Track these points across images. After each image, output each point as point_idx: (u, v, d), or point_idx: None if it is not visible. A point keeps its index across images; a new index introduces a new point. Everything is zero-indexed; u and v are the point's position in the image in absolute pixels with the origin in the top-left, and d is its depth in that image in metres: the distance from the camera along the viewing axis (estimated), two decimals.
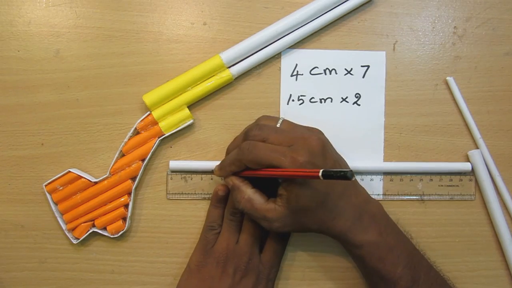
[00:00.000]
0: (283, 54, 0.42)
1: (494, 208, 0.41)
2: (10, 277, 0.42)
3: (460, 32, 0.42)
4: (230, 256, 0.38)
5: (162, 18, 0.41)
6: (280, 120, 0.38)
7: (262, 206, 0.35)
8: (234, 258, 0.38)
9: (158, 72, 0.41)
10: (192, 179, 0.42)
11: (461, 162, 0.42)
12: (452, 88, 0.42)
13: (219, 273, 0.38)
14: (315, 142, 0.34)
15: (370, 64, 0.42)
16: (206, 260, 0.39)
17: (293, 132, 0.36)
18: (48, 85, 0.41)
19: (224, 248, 0.38)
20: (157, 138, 0.40)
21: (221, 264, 0.38)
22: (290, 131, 0.36)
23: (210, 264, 0.38)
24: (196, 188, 0.42)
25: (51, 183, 0.40)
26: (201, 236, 0.40)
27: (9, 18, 0.41)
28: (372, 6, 0.42)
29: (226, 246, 0.38)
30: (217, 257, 0.38)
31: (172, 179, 0.42)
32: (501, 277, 0.42)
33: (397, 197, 0.42)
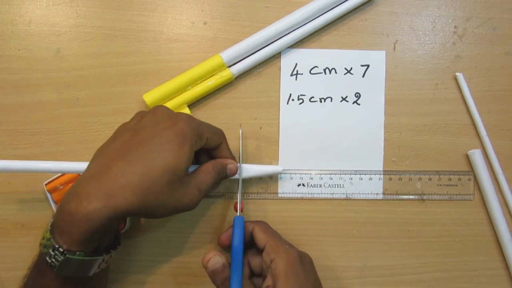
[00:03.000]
0: (283, 53, 0.42)
1: (494, 208, 0.41)
2: (10, 277, 0.42)
3: (461, 31, 0.42)
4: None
5: (163, 17, 0.41)
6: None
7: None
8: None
9: (158, 71, 0.41)
10: None
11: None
12: (461, 84, 0.42)
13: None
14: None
15: (370, 63, 0.42)
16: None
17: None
18: (49, 84, 0.41)
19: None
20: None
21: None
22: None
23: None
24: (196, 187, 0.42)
25: (52, 182, 0.40)
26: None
27: (10, 17, 0.41)
28: (373, 6, 0.42)
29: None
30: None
31: None
32: (501, 277, 0.42)
33: (397, 196, 0.42)
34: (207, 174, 0.35)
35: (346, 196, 0.42)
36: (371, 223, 0.42)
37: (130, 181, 0.30)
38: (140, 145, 0.31)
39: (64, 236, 0.30)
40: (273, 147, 0.42)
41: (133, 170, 0.30)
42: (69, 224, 0.29)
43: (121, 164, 0.30)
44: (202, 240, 0.42)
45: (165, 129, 0.32)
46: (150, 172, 0.30)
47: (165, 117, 0.33)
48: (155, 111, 0.34)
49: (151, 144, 0.31)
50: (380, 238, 0.42)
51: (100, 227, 0.29)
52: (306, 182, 0.42)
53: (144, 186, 0.30)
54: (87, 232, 0.29)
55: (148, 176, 0.30)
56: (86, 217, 0.29)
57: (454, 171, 0.42)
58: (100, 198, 0.29)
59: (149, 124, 0.33)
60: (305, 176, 0.42)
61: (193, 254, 0.42)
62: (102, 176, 0.30)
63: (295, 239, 0.42)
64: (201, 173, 0.35)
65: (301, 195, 0.42)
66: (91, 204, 0.29)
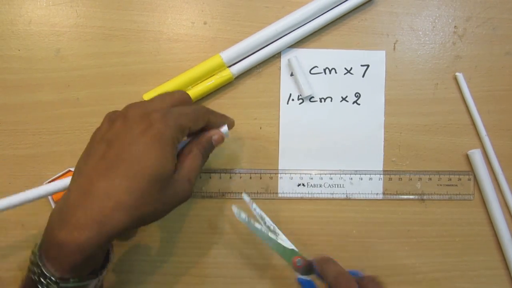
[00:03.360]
0: (282, 53, 0.42)
1: (494, 208, 0.41)
2: (10, 277, 0.42)
3: (461, 31, 0.42)
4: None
5: (163, 17, 0.41)
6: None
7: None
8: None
9: (158, 72, 0.41)
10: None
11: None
12: (461, 84, 0.42)
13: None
14: None
15: (369, 63, 0.42)
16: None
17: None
18: (49, 84, 0.41)
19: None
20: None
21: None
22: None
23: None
24: (195, 187, 0.42)
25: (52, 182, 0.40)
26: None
27: (10, 17, 0.41)
28: (373, 6, 0.42)
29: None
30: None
31: None
32: (501, 277, 0.42)
33: (397, 196, 0.42)
34: (194, 159, 0.33)
35: (346, 196, 0.42)
36: (371, 223, 0.42)
37: (119, 201, 0.28)
38: (118, 159, 0.29)
39: (56, 264, 0.28)
40: (273, 147, 0.42)
41: (118, 188, 0.28)
42: (60, 253, 0.28)
43: (103, 185, 0.28)
44: (202, 240, 0.42)
45: (140, 134, 0.29)
46: (137, 186, 0.28)
47: (137, 118, 0.30)
48: (126, 113, 0.31)
49: (130, 155, 0.29)
50: (380, 238, 0.42)
51: (95, 254, 0.28)
52: (306, 182, 0.42)
53: (134, 202, 0.28)
54: (81, 260, 0.28)
55: (136, 191, 0.28)
56: (79, 247, 0.27)
57: (454, 171, 0.42)
58: (91, 227, 0.27)
59: (122, 130, 0.30)
60: (305, 176, 0.42)
61: (192, 254, 0.42)
62: (88, 202, 0.28)
63: (295, 239, 0.42)
64: (187, 160, 0.32)
65: (301, 195, 0.42)
66: (83, 234, 0.27)
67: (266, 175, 0.42)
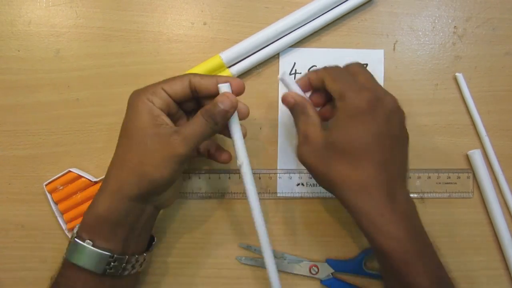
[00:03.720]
0: (281, 53, 0.42)
1: (494, 208, 0.41)
2: (10, 277, 0.42)
3: (460, 32, 0.42)
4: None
5: (162, 18, 0.41)
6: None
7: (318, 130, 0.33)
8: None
9: (158, 72, 0.41)
10: (190, 178, 0.42)
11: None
12: (461, 84, 0.42)
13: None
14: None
15: (368, 62, 0.42)
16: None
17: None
18: (48, 85, 0.41)
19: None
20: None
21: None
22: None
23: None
24: (195, 188, 0.42)
25: (52, 183, 0.40)
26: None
27: (10, 18, 0.41)
28: (372, 6, 0.42)
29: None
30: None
31: None
32: (501, 277, 0.42)
33: None
34: (193, 121, 0.33)
35: None
36: None
37: (127, 167, 0.33)
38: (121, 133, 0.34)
39: (80, 225, 0.33)
40: (272, 147, 0.42)
41: (124, 158, 0.33)
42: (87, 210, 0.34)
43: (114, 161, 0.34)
44: (201, 241, 0.42)
45: (127, 110, 0.34)
46: (133, 147, 0.33)
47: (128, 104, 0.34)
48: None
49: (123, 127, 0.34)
50: None
51: (119, 218, 0.32)
52: (305, 181, 0.42)
53: (137, 163, 0.32)
54: (94, 218, 0.33)
55: (133, 152, 0.33)
56: (92, 203, 0.33)
57: (453, 169, 0.42)
58: (110, 194, 0.33)
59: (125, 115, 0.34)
60: (304, 175, 0.42)
61: (192, 254, 0.42)
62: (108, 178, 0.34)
63: (295, 239, 0.42)
64: (189, 122, 0.33)
65: (300, 194, 0.42)
66: (106, 201, 0.33)
67: (266, 175, 0.42)
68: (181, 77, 0.34)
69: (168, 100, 0.33)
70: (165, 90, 0.33)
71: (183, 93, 0.34)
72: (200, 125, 0.32)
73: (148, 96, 0.33)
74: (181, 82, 0.33)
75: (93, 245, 0.32)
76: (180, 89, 0.33)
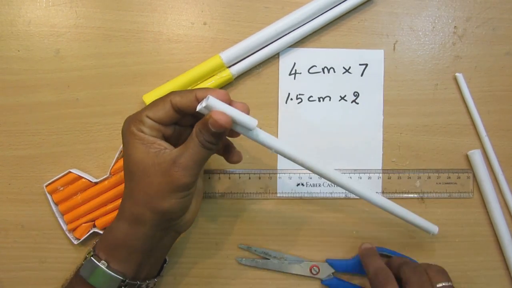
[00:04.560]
0: (281, 53, 0.42)
1: (494, 208, 0.41)
2: (10, 277, 0.42)
3: (460, 32, 0.42)
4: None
5: (162, 18, 0.41)
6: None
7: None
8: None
9: (158, 72, 0.41)
10: None
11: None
12: (460, 84, 0.42)
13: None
14: None
15: (368, 62, 0.42)
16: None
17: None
18: (48, 85, 0.41)
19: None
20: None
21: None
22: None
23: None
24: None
25: (52, 184, 0.40)
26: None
27: (9, 18, 0.41)
28: (372, 6, 0.42)
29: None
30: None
31: None
32: (501, 277, 0.42)
33: (396, 195, 0.42)
34: (186, 144, 0.31)
35: (345, 195, 0.42)
36: (371, 223, 0.42)
37: (139, 202, 0.32)
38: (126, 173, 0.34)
39: (98, 244, 0.34)
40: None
41: (132, 195, 0.33)
42: (105, 233, 0.34)
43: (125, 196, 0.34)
44: (201, 241, 0.42)
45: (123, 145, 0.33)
46: (137, 184, 0.32)
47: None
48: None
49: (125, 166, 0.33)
50: (380, 238, 0.42)
51: (134, 244, 0.33)
52: (305, 181, 0.42)
53: (146, 199, 0.32)
54: (112, 240, 0.33)
55: (139, 189, 0.32)
56: (109, 228, 0.34)
57: (453, 169, 0.42)
58: (129, 222, 0.33)
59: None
60: (304, 175, 0.42)
61: (192, 254, 0.42)
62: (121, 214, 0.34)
63: (295, 239, 0.42)
64: (182, 147, 0.31)
65: (300, 194, 0.42)
66: (124, 226, 0.33)
67: (265, 175, 0.42)
68: (163, 100, 0.32)
69: (157, 126, 0.32)
70: (149, 117, 0.32)
71: (168, 116, 0.32)
72: (198, 151, 0.31)
73: (137, 126, 0.32)
74: (163, 106, 0.32)
75: (108, 266, 0.32)
76: (164, 113, 0.32)
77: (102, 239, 0.34)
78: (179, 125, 0.34)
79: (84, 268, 0.33)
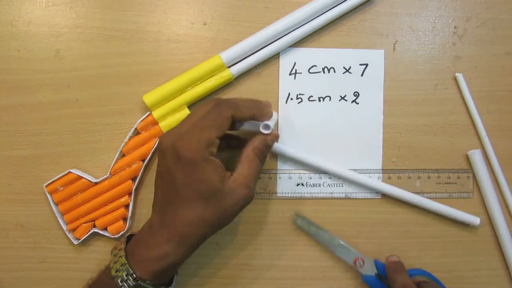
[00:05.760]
0: (281, 52, 0.42)
1: (494, 208, 0.41)
2: (10, 277, 0.42)
3: (460, 32, 0.42)
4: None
5: (162, 18, 0.41)
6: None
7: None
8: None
9: (158, 72, 0.41)
10: None
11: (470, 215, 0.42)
12: (461, 84, 0.42)
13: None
14: None
15: (368, 62, 0.42)
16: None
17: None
18: (48, 85, 0.41)
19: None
20: (157, 138, 0.40)
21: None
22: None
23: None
24: None
25: (52, 184, 0.40)
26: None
27: (9, 18, 0.41)
28: (372, 6, 0.42)
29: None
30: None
31: None
32: (501, 277, 0.42)
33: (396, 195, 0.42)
34: (250, 164, 0.34)
35: (345, 195, 0.42)
36: (371, 223, 0.42)
37: (190, 222, 0.33)
38: (173, 192, 0.33)
39: (140, 265, 0.33)
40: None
41: (186, 214, 0.33)
42: (146, 257, 0.33)
43: (174, 214, 0.33)
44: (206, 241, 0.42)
45: (175, 166, 0.33)
46: (195, 208, 0.32)
47: (169, 151, 0.33)
48: (160, 147, 0.34)
49: (177, 186, 0.33)
50: (380, 238, 0.42)
51: (177, 263, 0.33)
52: (305, 181, 0.42)
53: (201, 218, 0.32)
54: (166, 267, 0.33)
55: (196, 210, 0.32)
56: (164, 254, 0.33)
57: (453, 169, 0.42)
58: (173, 242, 0.33)
59: (164, 164, 0.34)
60: (304, 175, 0.42)
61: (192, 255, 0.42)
62: (168, 227, 0.33)
63: (295, 239, 0.42)
64: (243, 166, 0.34)
65: (300, 194, 0.42)
66: (168, 246, 0.33)
67: (265, 175, 0.42)
68: (220, 116, 0.33)
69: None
70: (218, 137, 0.33)
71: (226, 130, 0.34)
72: (256, 167, 0.34)
73: (210, 149, 0.32)
74: (227, 121, 0.33)
75: (151, 284, 0.33)
76: (226, 128, 0.34)
77: (154, 267, 0.33)
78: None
79: (123, 282, 0.33)
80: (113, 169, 0.40)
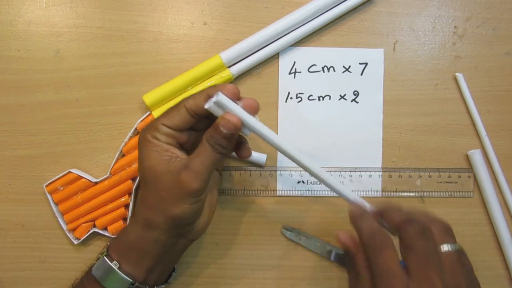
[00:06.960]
0: (281, 52, 0.42)
1: (494, 208, 0.41)
2: (10, 277, 0.42)
3: (460, 32, 0.42)
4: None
5: (162, 17, 0.41)
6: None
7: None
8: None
9: (158, 72, 0.41)
10: None
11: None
12: (461, 84, 0.42)
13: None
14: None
15: (368, 61, 0.42)
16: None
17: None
18: (48, 85, 0.41)
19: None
20: None
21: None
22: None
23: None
24: None
25: (52, 184, 0.40)
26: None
27: (9, 18, 0.41)
28: (372, 6, 0.42)
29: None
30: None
31: None
32: (501, 277, 0.42)
33: (396, 194, 0.42)
34: (200, 150, 0.32)
35: None
36: None
37: (152, 207, 0.33)
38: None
39: (112, 248, 0.34)
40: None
41: (147, 199, 0.34)
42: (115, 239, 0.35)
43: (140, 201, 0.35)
44: (201, 241, 0.42)
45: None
46: (150, 191, 0.33)
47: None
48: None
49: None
50: None
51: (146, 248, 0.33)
52: (306, 179, 0.42)
53: (158, 203, 0.32)
54: (125, 242, 0.34)
55: (153, 195, 0.33)
56: (124, 230, 0.35)
57: (453, 169, 0.42)
58: (142, 227, 0.34)
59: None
60: (305, 173, 0.42)
61: (191, 255, 0.42)
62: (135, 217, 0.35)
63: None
64: (196, 151, 0.32)
65: (300, 192, 0.42)
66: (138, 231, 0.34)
67: (266, 172, 0.42)
68: (177, 107, 0.32)
69: (173, 133, 0.32)
70: (165, 125, 0.32)
71: (184, 121, 0.32)
72: (208, 155, 0.31)
73: (152, 134, 0.32)
74: (177, 111, 0.32)
75: (119, 267, 0.33)
76: (179, 119, 0.32)
77: (115, 240, 0.35)
78: (194, 130, 0.35)
79: (97, 268, 0.33)
80: (113, 169, 0.40)
